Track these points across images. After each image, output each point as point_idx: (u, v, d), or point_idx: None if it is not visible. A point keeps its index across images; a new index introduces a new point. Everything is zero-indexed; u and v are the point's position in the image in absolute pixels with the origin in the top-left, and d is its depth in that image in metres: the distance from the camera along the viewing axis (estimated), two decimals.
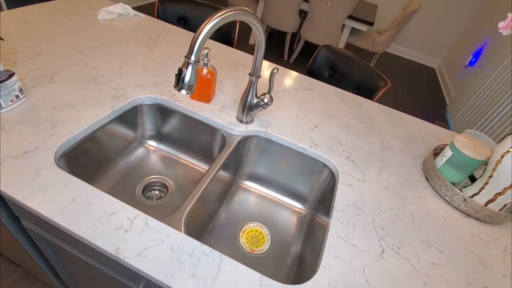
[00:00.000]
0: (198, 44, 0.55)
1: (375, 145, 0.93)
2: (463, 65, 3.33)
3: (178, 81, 0.59)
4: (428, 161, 0.87)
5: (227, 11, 0.57)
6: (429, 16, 3.86)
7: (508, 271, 0.67)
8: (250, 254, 0.84)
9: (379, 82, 1.23)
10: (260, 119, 0.92)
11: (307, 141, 0.88)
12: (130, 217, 0.59)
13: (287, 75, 1.18)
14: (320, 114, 1.01)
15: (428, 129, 1.07)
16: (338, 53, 1.37)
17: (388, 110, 1.12)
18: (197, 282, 0.51)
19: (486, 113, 2.40)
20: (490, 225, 0.77)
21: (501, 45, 2.60)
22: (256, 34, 0.69)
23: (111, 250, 0.53)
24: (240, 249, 0.85)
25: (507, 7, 2.84)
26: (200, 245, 0.57)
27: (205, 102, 0.92)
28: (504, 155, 0.71)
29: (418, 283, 0.60)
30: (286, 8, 2.89)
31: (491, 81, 2.52)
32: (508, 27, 0.81)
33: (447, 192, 0.79)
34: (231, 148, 0.84)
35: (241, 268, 0.55)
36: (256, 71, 0.78)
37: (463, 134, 0.83)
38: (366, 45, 3.14)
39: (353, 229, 0.67)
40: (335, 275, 0.58)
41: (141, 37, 1.14)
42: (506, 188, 0.71)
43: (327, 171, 0.87)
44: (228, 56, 1.19)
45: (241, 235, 0.88)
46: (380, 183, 0.81)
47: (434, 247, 0.68)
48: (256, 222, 0.92)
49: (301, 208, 0.99)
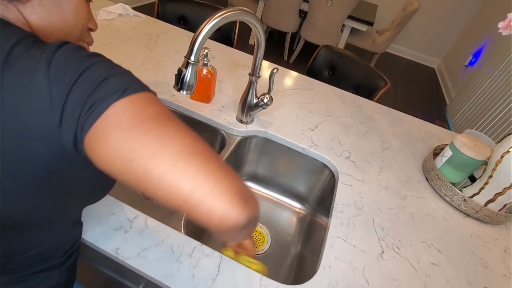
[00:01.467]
0: (198, 44, 0.55)
1: (375, 145, 0.93)
2: (463, 65, 3.33)
3: (178, 81, 0.59)
4: (428, 161, 0.87)
5: (227, 11, 0.57)
6: (429, 16, 3.85)
7: (508, 271, 0.67)
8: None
9: (379, 82, 1.23)
10: (260, 119, 0.92)
11: (307, 141, 0.88)
12: (130, 217, 0.59)
13: (287, 75, 1.18)
14: (320, 114, 1.00)
15: (428, 129, 1.07)
16: (338, 53, 1.37)
17: (388, 110, 1.12)
18: (196, 282, 0.51)
19: (486, 113, 2.40)
20: (490, 225, 0.77)
21: (501, 45, 2.60)
22: (256, 34, 0.69)
23: (110, 250, 0.53)
24: None
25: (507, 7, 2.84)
26: (200, 245, 0.57)
27: (205, 102, 0.92)
28: (504, 155, 0.71)
29: (418, 283, 0.60)
30: (286, 8, 2.89)
31: (491, 81, 2.52)
32: (508, 27, 0.81)
33: (447, 192, 0.79)
34: (231, 148, 0.84)
35: (241, 268, 0.55)
36: (256, 71, 0.77)
37: (463, 134, 0.83)
38: (366, 45, 3.14)
39: (353, 229, 0.67)
40: (335, 275, 0.58)
41: (141, 37, 1.14)
42: (506, 188, 0.71)
43: (327, 171, 0.87)
44: (228, 56, 1.19)
45: None
46: (380, 183, 0.81)
47: (434, 247, 0.68)
48: None
49: (301, 208, 0.99)
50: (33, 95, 0.29)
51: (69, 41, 0.34)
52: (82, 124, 0.29)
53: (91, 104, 0.29)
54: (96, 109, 0.29)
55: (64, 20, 0.38)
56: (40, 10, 0.35)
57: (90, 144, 0.29)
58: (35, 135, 0.29)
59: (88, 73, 0.30)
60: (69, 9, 0.38)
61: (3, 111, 0.29)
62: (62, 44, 0.31)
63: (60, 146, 0.30)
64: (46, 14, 0.36)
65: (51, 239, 0.45)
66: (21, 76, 0.29)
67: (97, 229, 0.55)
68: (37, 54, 0.30)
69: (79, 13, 0.40)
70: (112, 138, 0.29)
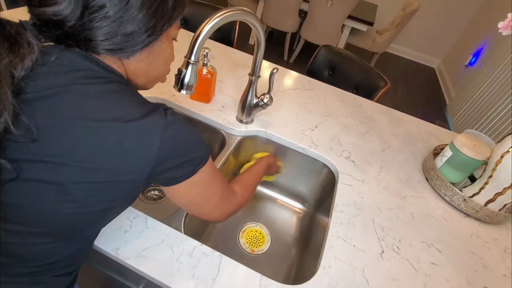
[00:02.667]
0: (198, 44, 0.55)
1: (375, 145, 0.93)
2: (463, 65, 3.32)
3: (178, 81, 0.59)
4: (428, 161, 0.87)
5: (227, 11, 0.57)
6: (429, 16, 3.85)
7: (508, 271, 0.67)
8: (250, 254, 0.84)
9: (379, 82, 1.23)
10: (260, 119, 0.92)
11: (307, 141, 0.88)
12: (129, 217, 0.59)
13: (287, 75, 1.18)
14: (320, 114, 1.00)
15: (428, 129, 1.07)
16: (338, 53, 1.37)
17: (388, 110, 1.12)
18: (196, 282, 0.51)
19: (486, 113, 2.40)
20: (490, 225, 0.77)
21: (501, 45, 2.60)
22: (256, 34, 0.69)
23: (110, 250, 0.53)
24: (240, 249, 0.85)
25: (507, 7, 2.84)
26: (200, 245, 0.57)
27: (205, 102, 0.92)
28: (504, 155, 0.71)
29: (418, 283, 0.60)
30: (286, 8, 2.89)
31: (491, 81, 2.52)
32: (508, 27, 0.81)
33: (447, 192, 0.79)
34: (231, 148, 0.84)
35: (240, 268, 0.55)
36: (256, 71, 0.77)
37: (463, 134, 0.83)
38: (366, 45, 3.14)
39: (353, 229, 0.67)
40: (335, 275, 0.58)
41: None
42: (506, 188, 0.71)
43: (327, 171, 0.87)
44: (228, 56, 1.19)
45: (241, 235, 0.88)
46: (380, 183, 0.81)
47: (434, 247, 0.68)
48: (256, 222, 0.92)
49: (301, 208, 0.99)
50: (145, 148, 0.39)
51: (155, 80, 0.50)
52: (174, 177, 0.44)
53: (186, 169, 0.44)
54: (188, 171, 0.44)
55: (156, 68, 0.47)
56: (140, 65, 0.44)
57: (174, 191, 0.46)
58: (132, 169, 0.39)
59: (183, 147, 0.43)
60: (162, 59, 0.47)
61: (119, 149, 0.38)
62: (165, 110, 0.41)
63: (139, 180, 0.40)
64: (144, 67, 0.45)
65: (79, 249, 0.46)
66: (141, 134, 0.38)
67: None
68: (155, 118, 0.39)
69: (169, 59, 0.49)
70: (192, 194, 0.48)
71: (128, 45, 0.40)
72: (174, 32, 0.46)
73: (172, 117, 0.41)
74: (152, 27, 0.40)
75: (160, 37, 0.43)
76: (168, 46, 0.46)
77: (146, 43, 0.41)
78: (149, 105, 0.41)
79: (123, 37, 0.39)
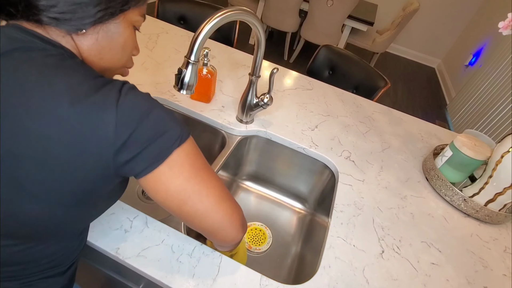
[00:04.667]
0: (198, 44, 0.55)
1: (375, 145, 0.93)
2: (463, 65, 3.32)
3: (178, 81, 0.59)
4: (428, 161, 0.87)
5: (227, 11, 0.57)
6: (429, 16, 3.85)
7: (508, 271, 0.67)
8: (250, 254, 0.84)
9: (379, 82, 1.23)
10: (260, 119, 0.92)
11: (307, 141, 0.88)
12: (130, 217, 0.59)
13: (287, 75, 1.18)
14: (320, 114, 1.00)
15: (428, 129, 1.07)
16: (338, 53, 1.37)
17: (388, 110, 1.12)
18: (197, 282, 0.51)
19: (486, 113, 2.40)
20: (490, 225, 0.77)
21: (501, 45, 2.60)
22: (256, 34, 0.69)
23: (111, 250, 0.53)
24: None
25: (507, 7, 2.84)
26: (200, 245, 0.57)
27: (205, 102, 0.92)
28: (504, 155, 0.71)
29: (418, 283, 0.60)
30: (286, 8, 2.89)
31: (491, 81, 2.52)
32: (508, 27, 0.81)
33: (447, 192, 0.79)
34: (231, 148, 0.84)
35: (241, 268, 0.55)
36: (256, 71, 0.77)
37: (463, 134, 0.83)
38: (366, 45, 3.14)
39: (353, 229, 0.67)
40: (335, 275, 0.58)
41: (141, 37, 1.14)
42: (506, 188, 0.71)
43: (327, 171, 0.87)
44: (228, 56, 1.19)
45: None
46: (380, 183, 0.81)
47: (434, 247, 0.68)
48: (256, 222, 0.92)
49: (301, 208, 0.99)
50: (99, 128, 0.33)
51: (112, 67, 0.43)
52: (144, 163, 0.36)
53: (157, 151, 0.36)
54: (160, 155, 0.36)
55: (112, 53, 0.42)
56: (93, 44, 0.40)
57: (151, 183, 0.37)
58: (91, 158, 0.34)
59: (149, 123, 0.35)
60: (119, 45, 0.42)
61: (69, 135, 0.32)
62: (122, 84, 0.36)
63: (107, 171, 0.35)
64: (98, 48, 0.40)
65: (63, 248, 0.45)
66: (92, 113, 0.33)
67: (97, 229, 0.55)
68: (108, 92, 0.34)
69: (127, 46, 0.44)
70: (172, 186, 0.38)
71: (76, 16, 0.35)
72: (136, 18, 0.42)
73: (131, 90, 0.35)
74: (104, 1, 0.36)
75: (115, 17, 0.39)
76: (126, 30, 0.41)
77: (97, 18, 0.37)
78: (102, 79, 0.35)
79: (69, 4, 0.35)
